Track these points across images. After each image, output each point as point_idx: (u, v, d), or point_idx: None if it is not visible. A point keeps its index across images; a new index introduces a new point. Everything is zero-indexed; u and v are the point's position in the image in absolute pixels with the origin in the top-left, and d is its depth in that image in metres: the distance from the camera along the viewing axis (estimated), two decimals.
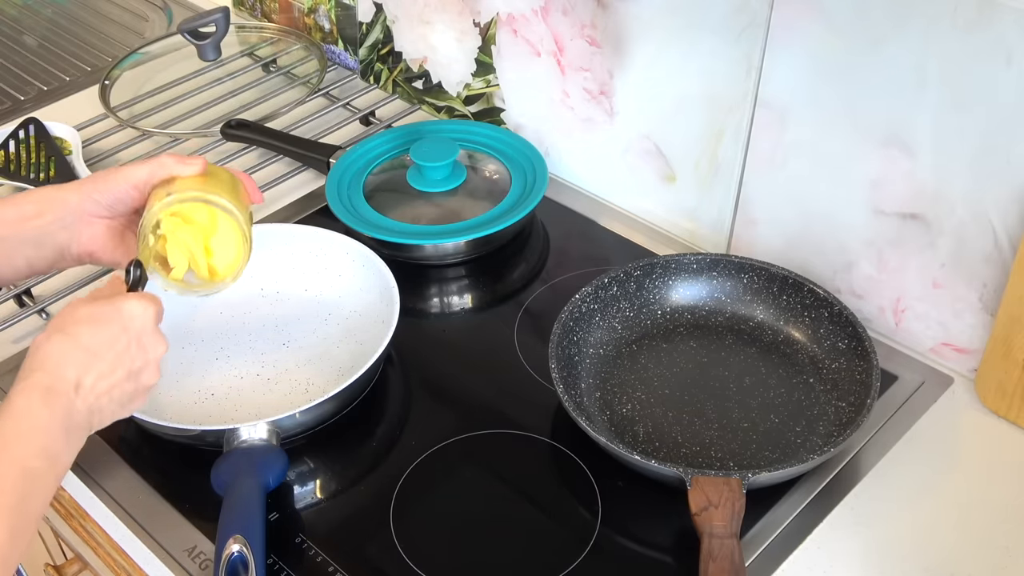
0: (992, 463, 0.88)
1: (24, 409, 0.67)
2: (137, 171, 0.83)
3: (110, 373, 0.72)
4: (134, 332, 0.73)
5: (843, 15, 0.87)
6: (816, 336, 0.95)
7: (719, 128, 1.02)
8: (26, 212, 0.81)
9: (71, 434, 0.69)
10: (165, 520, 0.84)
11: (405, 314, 0.94)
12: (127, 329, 0.73)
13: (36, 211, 0.81)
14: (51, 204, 0.82)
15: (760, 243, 1.05)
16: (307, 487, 0.88)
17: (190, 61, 1.37)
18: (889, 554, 0.81)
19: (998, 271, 0.88)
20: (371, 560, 0.81)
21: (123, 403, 0.74)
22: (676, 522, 0.82)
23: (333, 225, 1.06)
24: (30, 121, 1.23)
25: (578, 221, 1.16)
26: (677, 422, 0.90)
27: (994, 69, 0.80)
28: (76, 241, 0.83)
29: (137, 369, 0.74)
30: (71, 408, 0.69)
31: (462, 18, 1.21)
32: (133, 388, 0.74)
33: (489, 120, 1.26)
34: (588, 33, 1.08)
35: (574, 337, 0.94)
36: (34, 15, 1.62)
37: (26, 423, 0.67)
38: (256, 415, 0.91)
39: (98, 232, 0.84)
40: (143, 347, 0.74)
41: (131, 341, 0.73)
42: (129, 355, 0.73)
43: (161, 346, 0.76)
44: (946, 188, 0.88)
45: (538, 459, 0.89)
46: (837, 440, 0.83)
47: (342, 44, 1.40)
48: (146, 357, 0.74)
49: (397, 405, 0.95)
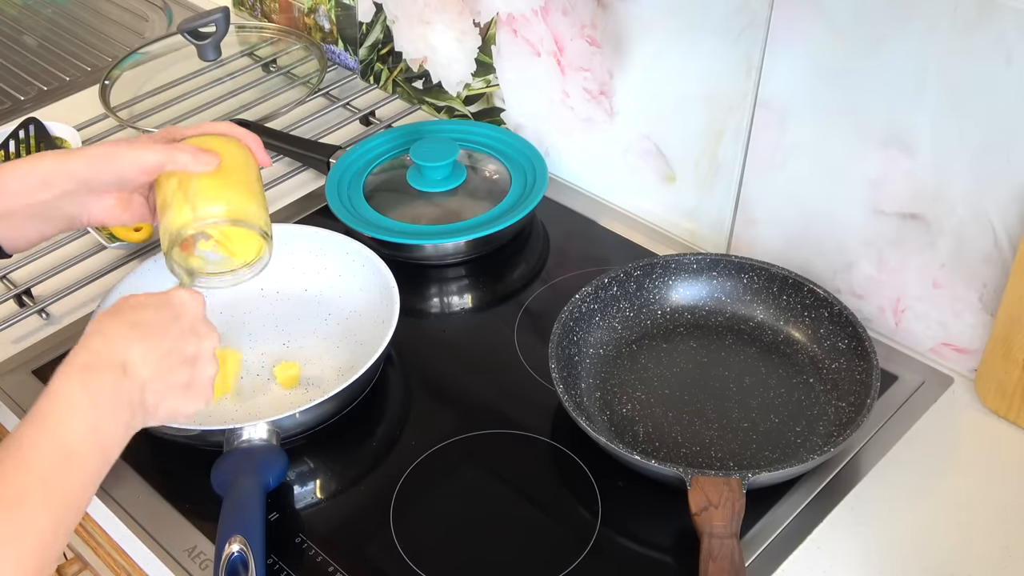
0: (992, 463, 0.88)
1: (63, 390, 0.65)
2: (148, 155, 0.80)
3: (164, 355, 0.70)
4: (187, 318, 0.72)
5: (843, 15, 0.87)
6: (816, 336, 0.95)
7: (719, 128, 1.02)
8: (32, 185, 0.78)
9: (119, 413, 0.67)
10: (165, 520, 0.84)
11: (405, 314, 0.94)
12: (179, 316, 0.72)
13: (42, 184, 0.79)
14: (57, 176, 0.79)
15: (760, 243, 1.05)
16: (307, 487, 0.88)
17: (190, 61, 1.37)
18: (889, 554, 0.81)
19: (998, 271, 0.88)
20: (371, 560, 0.81)
21: (182, 391, 0.72)
22: (676, 522, 0.82)
23: (333, 225, 1.06)
24: (30, 121, 1.23)
25: (578, 221, 1.16)
26: (677, 422, 0.90)
27: (994, 69, 0.80)
28: (85, 212, 0.82)
29: (192, 355, 0.72)
30: (117, 387, 0.67)
31: (462, 18, 1.21)
32: (189, 375, 0.72)
33: (489, 120, 1.26)
34: (588, 33, 1.08)
35: (574, 337, 0.94)
36: (34, 15, 1.62)
37: (65, 403, 0.64)
38: (256, 415, 0.91)
39: (107, 204, 0.83)
40: (196, 333, 0.73)
41: (184, 326, 0.72)
42: (183, 339, 0.72)
43: (214, 335, 0.74)
44: (946, 188, 0.88)
45: (538, 459, 0.89)
46: (837, 440, 0.83)
47: (342, 44, 1.40)
48: (199, 344, 0.73)
49: (397, 405, 0.95)
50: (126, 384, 0.67)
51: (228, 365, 0.90)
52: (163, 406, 0.71)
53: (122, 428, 0.68)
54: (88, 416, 0.65)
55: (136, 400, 0.68)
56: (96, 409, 0.65)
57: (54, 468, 0.62)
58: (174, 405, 0.72)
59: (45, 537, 0.61)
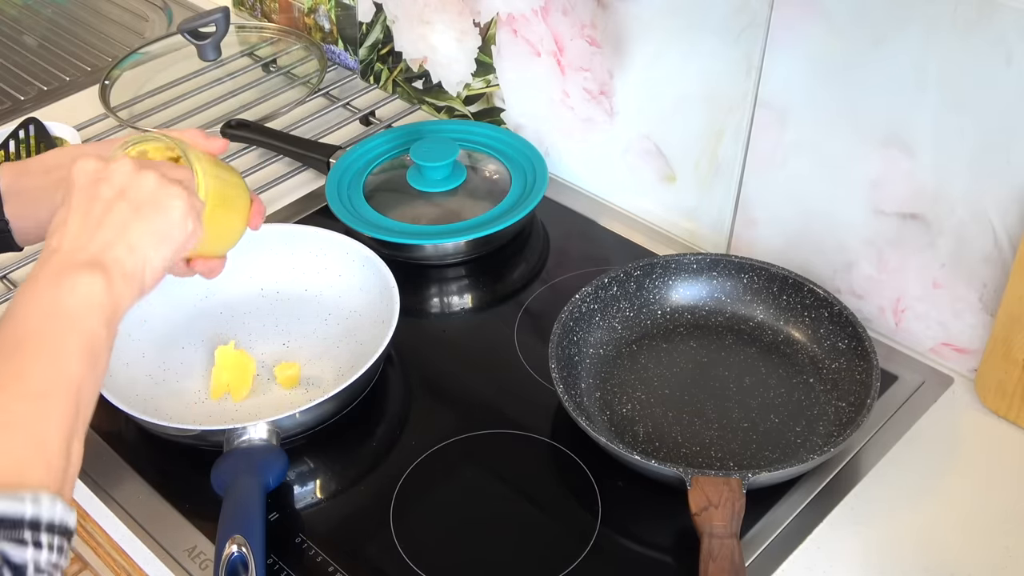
0: (992, 463, 0.88)
1: (28, 291, 0.63)
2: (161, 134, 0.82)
3: (86, 209, 0.66)
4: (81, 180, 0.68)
5: (843, 15, 0.87)
6: (816, 336, 0.95)
7: (719, 128, 1.02)
8: (48, 164, 0.81)
9: (77, 280, 0.63)
10: (165, 520, 0.84)
11: (405, 314, 0.94)
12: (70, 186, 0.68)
13: (57, 163, 0.80)
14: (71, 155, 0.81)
15: (760, 243, 1.05)
16: (307, 487, 0.88)
17: (190, 61, 1.37)
18: (889, 554, 0.81)
19: (998, 271, 0.88)
20: (371, 560, 0.81)
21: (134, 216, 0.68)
22: (676, 522, 0.82)
23: (333, 225, 1.06)
24: (30, 121, 1.23)
25: (578, 221, 1.16)
26: (677, 422, 0.90)
27: (994, 69, 0.80)
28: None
29: (119, 187, 0.68)
30: (66, 261, 0.64)
31: (462, 18, 1.21)
32: (127, 204, 0.67)
33: (489, 120, 1.26)
34: (588, 33, 1.08)
35: (574, 337, 0.94)
36: (34, 15, 1.63)
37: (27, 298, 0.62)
38: (256, 415, 0.91)
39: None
40: (98, 178, 0.68)
41: (81, 187, 0.68)
42: (87, 195, 0.67)
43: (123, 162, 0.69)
44: (946, 188, 0.88)
45: (538, 459, 0.89)
46: (837, 440, 0.83)
47: (342, 44, 1.40)
48: (111, 181, 0.68)
49: (397, 405, 0.95)
50: (69, 257, 0.65)
51: (245, 370, 0.93)
52: (129, 239, 0.67)
53: (88, 288, 0.64)
54: (46, 298, 0.63)
55: (82, 261, 0.65)
56: (45, 287, 0.63)
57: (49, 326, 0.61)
58: (139, 232, 0.68)
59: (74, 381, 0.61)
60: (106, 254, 0.66)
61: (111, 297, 0.65)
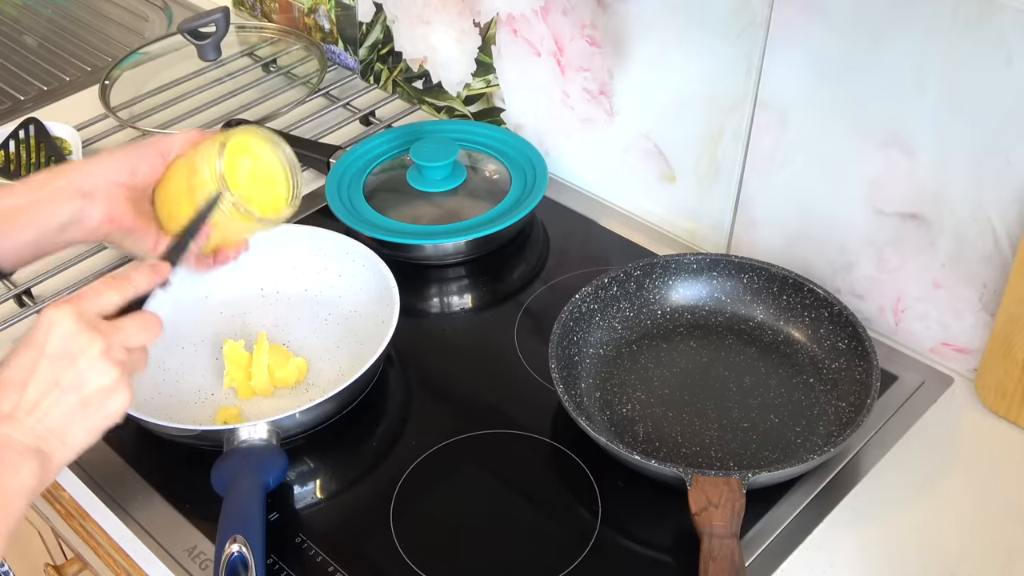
0: (992, 463, 0.88)
1: None
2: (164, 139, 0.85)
3: (40, 395, 0.68)
4: (54, 343, 0.68)
5: (843, 15, 0.87)
6: (816, 336, 0.95)
7: (719, 128, 1.02)
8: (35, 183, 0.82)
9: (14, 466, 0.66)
10: (165, 520, 0.85)
11: (405, 314, 0.94)
12: (43, 344, 0.68)
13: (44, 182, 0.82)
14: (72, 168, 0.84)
15: (760, 243, 1.05)
16: (307, 487, 0.88)
17: (190, 61, 1.37)
18: (889, 554, 0.81)
19: (998, 271, 0.88)
20: (371, 560, 0.81)
21: (80, 413, 0.69)
22: (676, 522, 0.82)
23: (333, 225, 1.06)
24: (30, 121, 1.23)
25: (578, 221, 1.16)
26: (677, 422, 0.90)
27: (994, 69, 0.80)
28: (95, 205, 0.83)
29: (71, 382, 0.69)
30: (16, 439, 0.66)
31: (462, 18, 1.21)
32: (79, 397, 0.69)
33: (489, 120, 1.26)
34: (588, 33, 1.08)
35: (574, 337, 0.94)
36: (34, 15, 1.63)
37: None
38: (256, 415, 0.91)
39: (117, 197, 0.84)
40: (68, 354, 0.69)
41: (52, 353, 0.68)
42: (53, 370, 0.68)
43: (96, 342, 0.69)
44: (946, 188, 0.88)
45: (538, 459, 0.89)
46: (837, 440, 0.83)
47: (342, 44, 1.40)
48: (73, 365, 0.69)
49: (397, 405, 0.95)
50: (21, 434, 0.67)
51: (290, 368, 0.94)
52: (69, 436, 0.69)
53: (28, 474, 0.66)
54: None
55: (29, 446, 0.67)
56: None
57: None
58: (80, 429, 0.70)
59: None
60: (48, 442, 0.68)
61: (40, 484, 0.68)
